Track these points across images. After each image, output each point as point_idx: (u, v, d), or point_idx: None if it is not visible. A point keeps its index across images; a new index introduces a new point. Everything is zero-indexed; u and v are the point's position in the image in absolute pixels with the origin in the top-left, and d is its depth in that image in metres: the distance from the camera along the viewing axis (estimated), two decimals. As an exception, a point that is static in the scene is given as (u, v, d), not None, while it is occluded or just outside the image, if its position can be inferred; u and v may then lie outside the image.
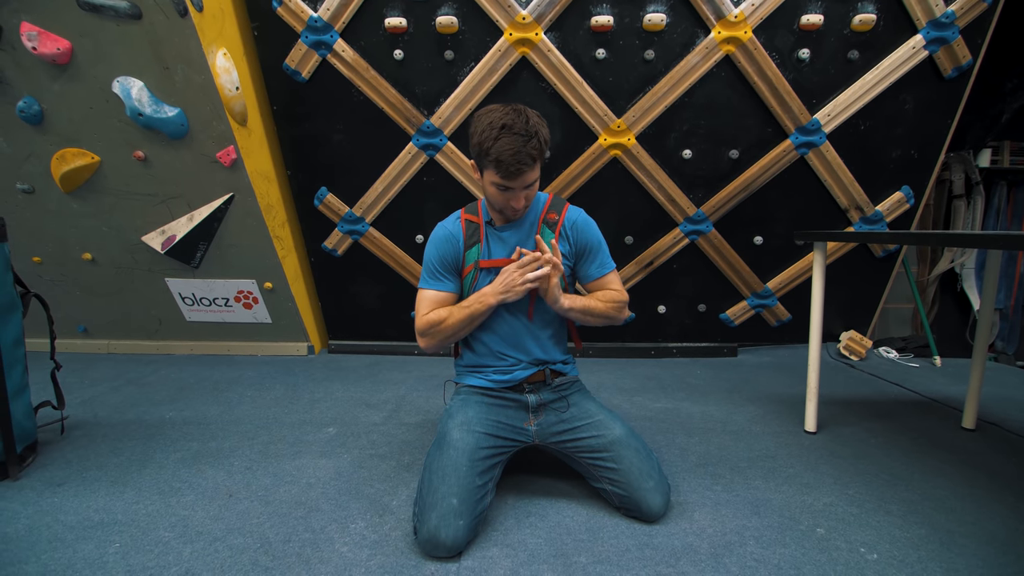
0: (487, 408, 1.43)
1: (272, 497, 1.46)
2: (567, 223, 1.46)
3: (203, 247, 2.54)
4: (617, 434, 1.35)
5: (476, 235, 1.46)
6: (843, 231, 2.48)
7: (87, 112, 2.18)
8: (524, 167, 1.26)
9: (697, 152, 2.43)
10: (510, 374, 1.47)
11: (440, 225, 1.52)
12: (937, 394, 2.24)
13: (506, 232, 1.46)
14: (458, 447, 1.29)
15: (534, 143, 1.25)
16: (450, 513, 1.17)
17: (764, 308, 2.79)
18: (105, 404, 2.16)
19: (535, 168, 1.30)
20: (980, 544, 1.24)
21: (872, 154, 2.41)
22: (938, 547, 1.23)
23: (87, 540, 1.27)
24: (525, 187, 1.31)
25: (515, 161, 1.24)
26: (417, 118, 2.38)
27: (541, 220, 1.45)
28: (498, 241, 1.46)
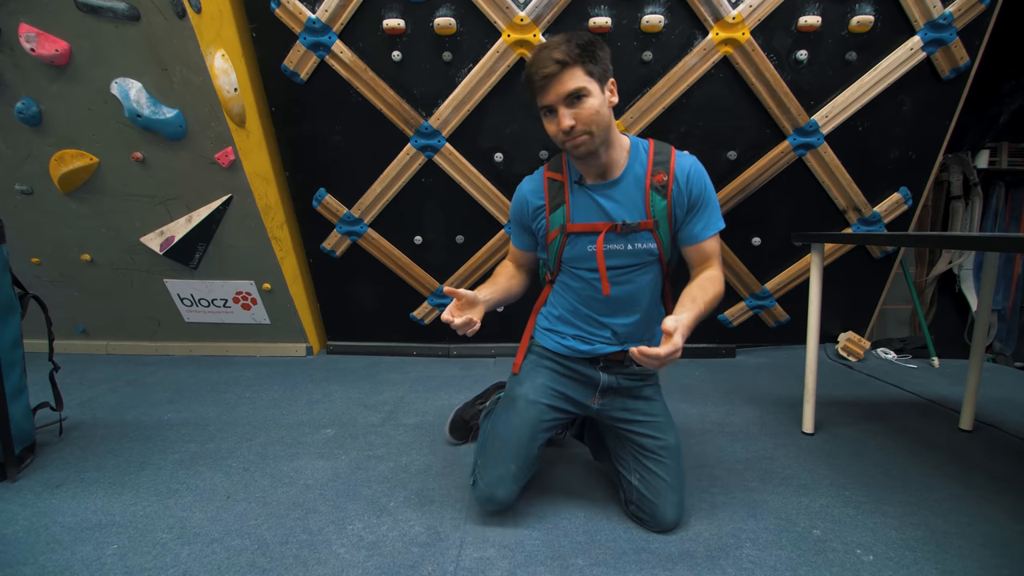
0: (555, 377, 1.35)
1: (270, 498, 1.47)
2: (679, 177, 1.22)
3: (202, 248, 2.54)
4: (672, 443, 1.33)
5: (560, 195, 1.28)
6: (840, 232, 2.48)
7: (85, 113, 2.19)
8: (551, 70, 1.07)
9: (695, 153, 2.36)
10: (592, 345, 1.33)
11: (524, 181, 1.38)
12: (935, 395, 2.24)
13: (603, 192, 1.24)
14: (523, 417, 1.32)
15: (567, 47, 1.07)
16: (508, 476, 1.29)
17: (762, 309, 2.79)
18: (103, 405, 2.16)
19: (571, 72, 1.08)
20: (976, 546, 1.24)
21: (870, 155, 2.41)
22: (934, 549, 1.23)
23: (85, 542, 1.28)
24: (563, 99, 1.10)
25: (541, 67, 1.08)
26: (415, 119, 2.38)
27: (648, 184, 1.22)
28: (591, 203, 1.26)
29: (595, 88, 1.12)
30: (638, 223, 1.24)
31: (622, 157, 1.24)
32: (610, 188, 1.25)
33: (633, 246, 1.27)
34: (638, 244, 1.26)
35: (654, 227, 1.24)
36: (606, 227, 1.25)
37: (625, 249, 1.27)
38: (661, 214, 1.23)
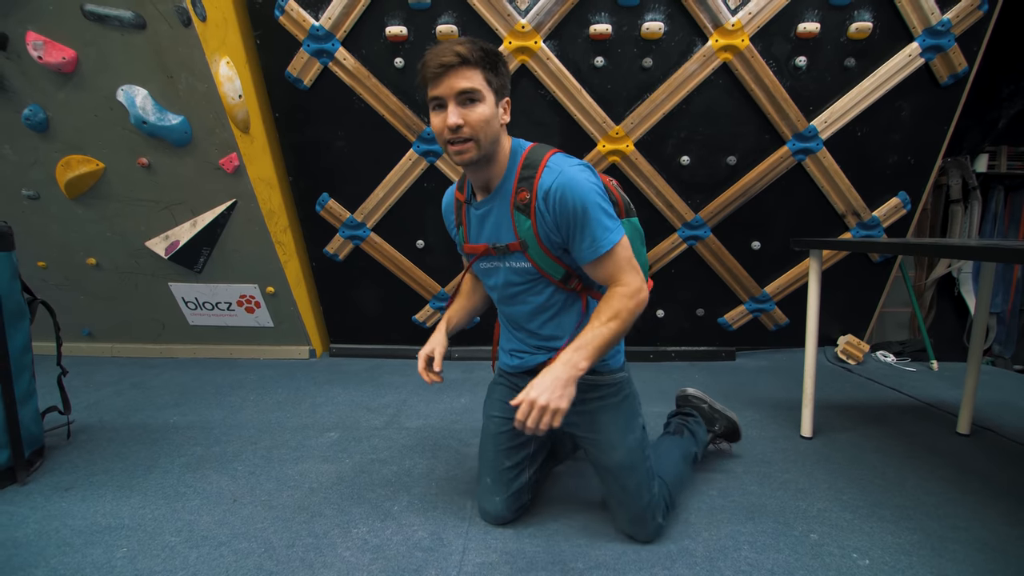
0: (507, 392, 1.35)
1: (275, 502, 1.49)
2: (540, 196, 1.09)
3: (206, 252, 2.57)
4: (618, 461, 1.23)
5: (460, 215, 1.28)
6: (838, 239, 2.50)
7: (92, 120, 2.21)
8: (450, 60, 1.01)
9: (695, 158, 2.45)
10: (521, 359, 1.32)
11: (445, 192, 1.39)
12: (933, 398, 2.26)
13: (482, 210, 1.19)
14: (485, 432, 1.41)
15: (471, 47, 1.03)
16: (486, 490, 1.36)
17: (762, 312, 2.81)
18: (110, 408, 2.19)
19: (470, 71, 1.03)
20: (971, 551, 1.26)
21: (869, 160, 2.43)
22: (929, 553, 1.25)
23: (95, 545, 1.30)
24: (456, 95, 1.03)
25: (440, 56, 1.02)
26: (418, 125, 2.40)
27: (511, 203, 1.13)
28: (476, 220, 1.22)
29: (490, 97, 1.07)
30: (507, 244, 1.17)
31: (502, 171, 1.15)
32: (487, 205, 1.18)
33: (511, 266, 1.21)
34: (514, 264, 1.20)
35: (523, 248, 1.15)
36: (481, 249, 1.21)
37: (507, 267, 1.22)
38: (528, 234, 1.13)
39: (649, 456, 1.27)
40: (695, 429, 1.57)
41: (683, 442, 1.51)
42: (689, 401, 1.70)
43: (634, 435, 1.25)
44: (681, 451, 1.47)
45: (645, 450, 1.26)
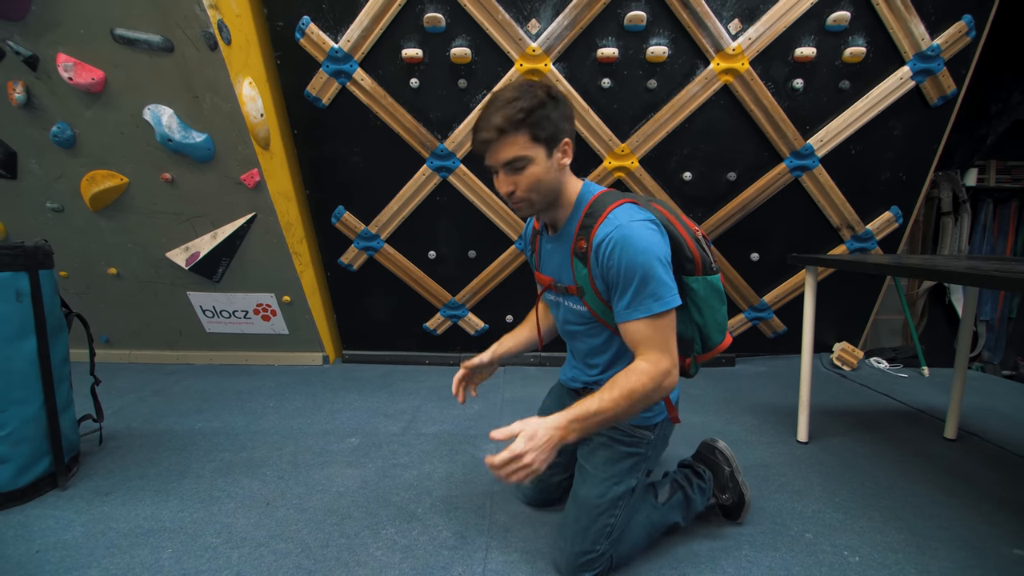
0: (556, 400, 1.48)
1: (306, 505, 1.58)
2: (595, 247, 1.07)
3: (225, 263, 2.66)
4: (583, 494, 1.22)
5: (534, 242, 1.33)
6: (832, 256, 2.60)
7: (118, 137, 2.30)
8: (488, 136, 1.02)
9: (697, 174, 2.56)
10: (568, 374, 1.42)
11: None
12: (923, 404, 2.37)
13: (550, 245, 1.23)
14: None
15: (509, 110, 1.00)
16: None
17: (761, 321, 2.92)
18: (135, 415, 2.27)
19: (512, 139, 1.02)
20: (953, 548, 1.36)
21: (863, 176, 2.54)
22: (915, 551, 1.35)
23: (141, 546, 1.38)
24: (502, 166, 1.06)
25: (480, 130, 1.04)
26: (432, 142, 2.50)
27: (572, 249, 1.14)
28: (546, 254, 1.25)
29: (539, 154, 1.05)
30: (566, 286, 1.20)
31: (567, 213, 1.16)
32: (553, 243, 1.21)
33: (570, 306, 1.23)
34: (573, 305, 1.22)
35: (579, 293, 1.17)
36: (548, 282, 1.25)
37: (566, 306, 1.25)
38: (584, 281, 1.14)
39: (616, 519, 1.19)
40: (693, 497, 1.36)
41: (661, 511, 1.32)
42: (714, 457, 1.46)
43: (616, 488, 1.19)
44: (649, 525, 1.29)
45: (616, 510, 1.19)
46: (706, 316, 1.20)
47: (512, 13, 2.27)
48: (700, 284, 1.14)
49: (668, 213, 1.16)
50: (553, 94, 1.06)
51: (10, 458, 1.54)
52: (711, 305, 1.18)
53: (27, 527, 1.46)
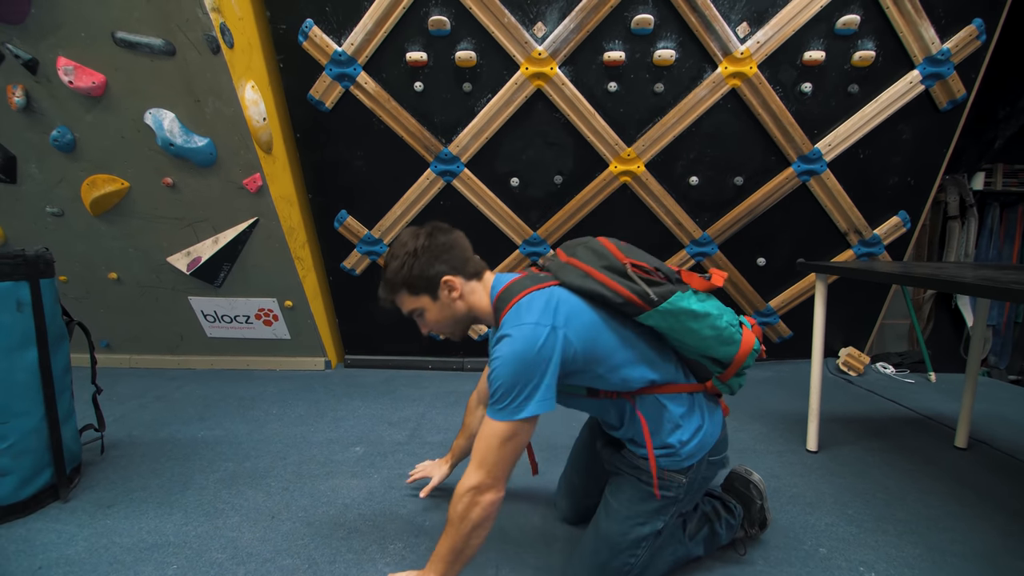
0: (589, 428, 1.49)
1: (312, 518, 1.55)
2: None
3: (227, 268, 2.63)
4: (604, 527, 1.20)
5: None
6: (842, 265, 2.59)
7: (119, 141, 2.27)
8: (383, 301, 1.21)
9: (703, 178, 2.53)
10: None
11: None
12: (931, 411, 2.36)
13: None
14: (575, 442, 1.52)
15: (387, 274, 1.16)
16: (559, 492, 1.54)
17: (767, 326, 2.90)
18: (137, 422, 2.25)
19: (400, 299, 1.17)
20: (967, 562, 1.34)
21: (870, 181, 2.53)
22: (930, 566, 1.33)
23: (145, 562, 1.36)
24: (409, 315, 1.20)
25: (379, 295, 1.22)
26: (435, 146, 2.47)
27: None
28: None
29: (425, 301, 1.15)
30: None
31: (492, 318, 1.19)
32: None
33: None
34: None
35: None
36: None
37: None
38: None
39: (637, 559, 1.16)
40: (720, 532, 1.32)
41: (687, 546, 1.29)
42: (748, 492, 1.38)
43: (641, 529, 1.15)
44: (674, 559, 1.27)
45: (638, 550, 1.15)
46: (688, 340, 1.10)
47: (518, 16, 2.25)
48: (654, 318, 1.08)
49: (585, 265, 1.11)
50: (419, 245, 1.12)
51: (12, 470, 1.51)
52: (686, 328, 1.08)
53: (29, 541, 1.44)
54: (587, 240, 1.19)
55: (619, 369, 1.10)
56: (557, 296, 1.07)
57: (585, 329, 1.06)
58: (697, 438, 1.14)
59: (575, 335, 1.03)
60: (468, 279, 1.17)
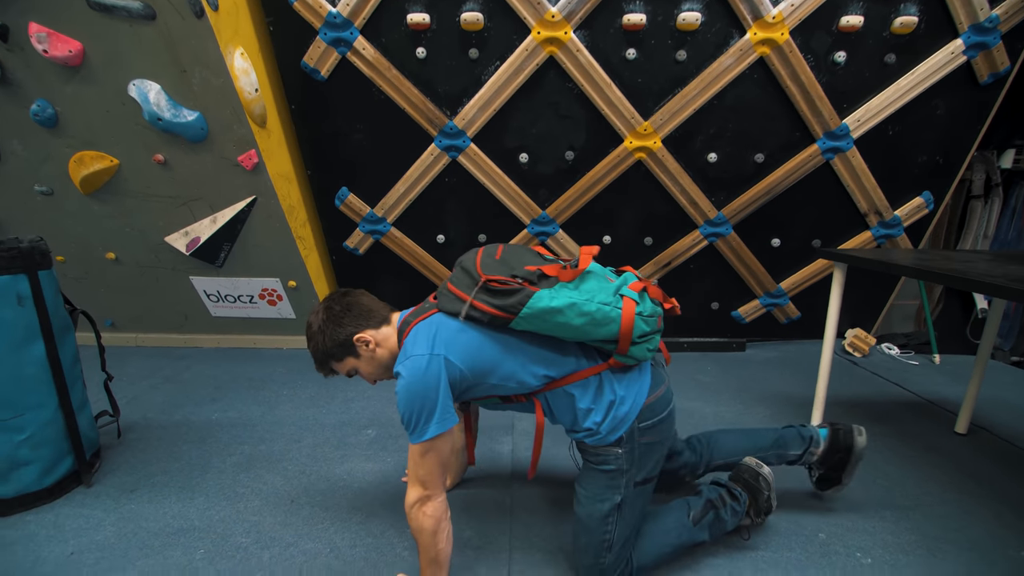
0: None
1: (330, 503, 1.60)
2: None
3: (227, 248, 2.57)
4: (577, 512, 1.27)
5: None
6: (863, 255, 2.52)
7: (103, 115, 2.14)
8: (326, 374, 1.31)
9: (722, 155, 2.42)
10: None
11: None
12: (934, 395, 2.37)
13: None
14: None
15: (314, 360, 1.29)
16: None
17: (775, 307, 2.87)
18: (150, 404, 2.27)
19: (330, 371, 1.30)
20: (962, 551, 1.39)
21: (897, 159, 2.41)
22: (925, 553, 1.38)
23: (173, 547, 1.41)
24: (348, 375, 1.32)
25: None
26: (440, 119, 2.34)
27: None
28: None
29: (353, 362, 1.26)
30: None
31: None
32: None
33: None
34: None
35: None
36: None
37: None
38: None
39: (610, 533, 1.22)
40: (725, 518, 1.36)
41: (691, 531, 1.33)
42: (757, 483, 1.41)
43: (601, 505, 1.22)
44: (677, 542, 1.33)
45: (607, 525, 1.22)
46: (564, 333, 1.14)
47: (530, -26, 2.06)
48: (522, 324, 1.13)
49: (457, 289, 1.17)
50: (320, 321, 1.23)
51: (33, 460, 1.55)
52: (556, 324, 1.12)
53: (59, 527, 1.49)
54: (466, 256, 1.23)
55: (512, 376, 1.18)
56: (437, 324, 1.16)
57: (465, 349, 1.13)
58: (612, 413, 1.18)
59: (457, 357, 1.12)
60: (378, 327, 1.25)
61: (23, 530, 1.47)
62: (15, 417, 1.49)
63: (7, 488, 1.51)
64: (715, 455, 1.51)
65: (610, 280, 1.20)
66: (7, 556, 1.37)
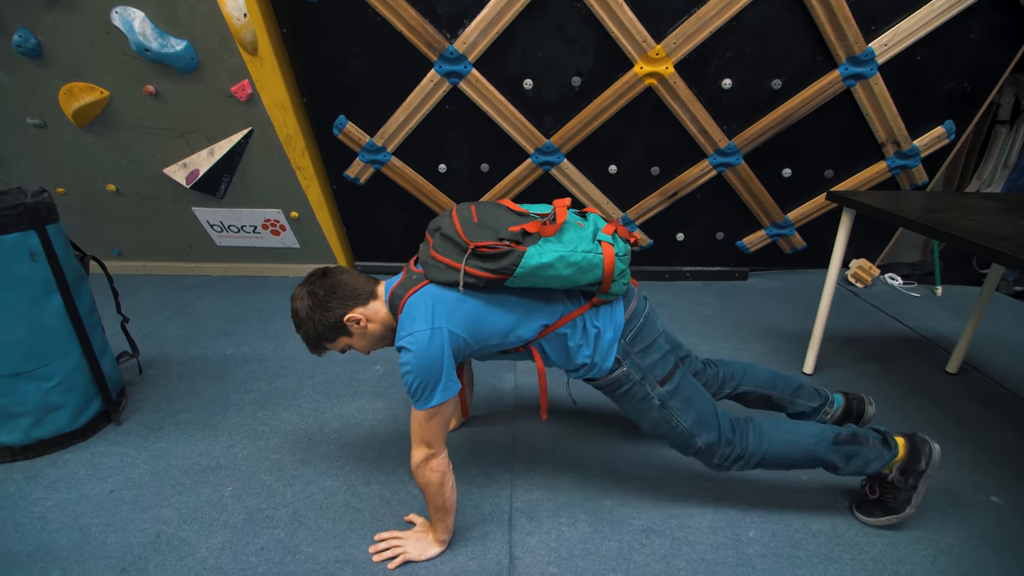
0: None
1: (345, 441, 1.70)
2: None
3: (227, 179, 2.53)
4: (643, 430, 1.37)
5: None
6: (873, 200, 2.43)
7: (88, 45, 2.03)
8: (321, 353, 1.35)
9: (738, 81, 2.28)
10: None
11: None
12: (931, 331, 2.39)
13: None
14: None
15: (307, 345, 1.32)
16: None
17: (781, 237, 2.85)
18: (166, 339, 2.34)
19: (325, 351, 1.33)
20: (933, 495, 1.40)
21: (922, 86, 2.27)
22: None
23: (204, 484, 1.52)
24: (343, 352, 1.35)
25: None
26: (440, 43, 2.20)
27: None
28: None
29: (346, 340, 1.28)
30: None
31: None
32: None
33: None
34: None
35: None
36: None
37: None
38: None
39: (673, 426, 1.29)
40: (870, 457, 1.31)
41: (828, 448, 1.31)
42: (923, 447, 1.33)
43: (649, 416, 1.30)
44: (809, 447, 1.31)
45: (671, 421, 1.29)
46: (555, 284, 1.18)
47: None
48: (516, 283, 1.17)
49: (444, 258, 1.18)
50: (306, 307, 1.23)
51: (64, 404, 1.63)
52: (548, 277, 1.16)
53: (96, 465, 1.60)
54: (441, 220, 1.25)
55: (513, 332, 1.24)
56: (433, 296, 1.18)
57: (465, 317, 1.18)
58: (598, 344, 1.26)
59: (458, 327, 1.17)
60: (366, 303, 1.26)
61: (64, 468, 1.58)
62: (43, 366, 1.56)
63: (44, 430, 1.61)
64: (745, 380, 1.58)
65: (580, 225, 1.23)
66: (54, 493, 1.49)
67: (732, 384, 1.58)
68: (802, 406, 1.58)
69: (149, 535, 1.35)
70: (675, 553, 1.29)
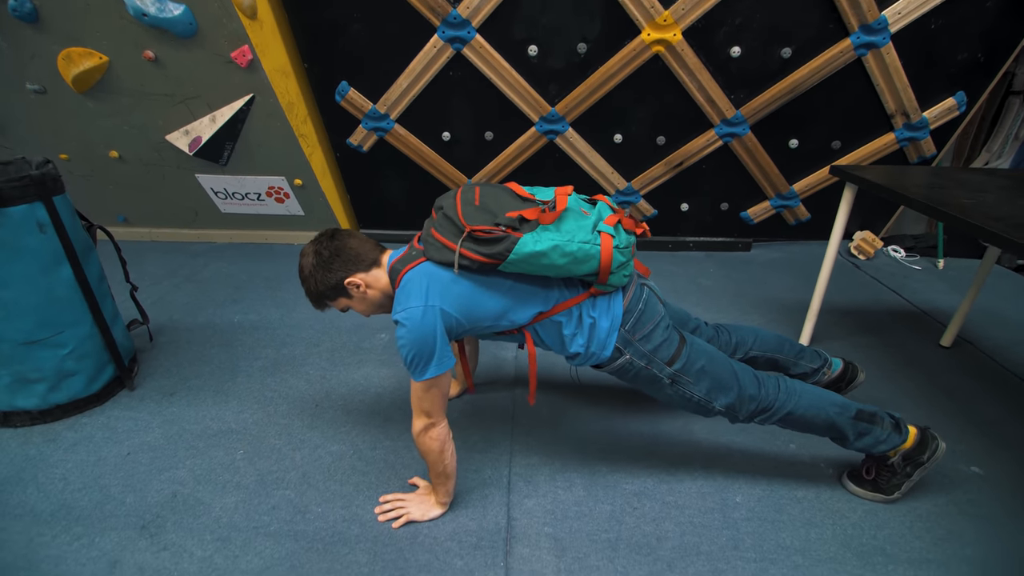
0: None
1: (351, 407, 1.76)
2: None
3: (229, 146, 2.52)
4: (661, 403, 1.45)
5: None
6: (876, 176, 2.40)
7: (84, 9, 1.99)
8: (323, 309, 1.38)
9: (747, 49, 2.23)
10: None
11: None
12: (929, 304, 2.40)
13: None
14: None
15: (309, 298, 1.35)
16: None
17: (786, 208, 2.84)
18: (175, 306, 2.39)
19: (326, 308, 1.37)
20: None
21: (934, 56, 2.21)
22: (883, 467, 1.51)
23: (216, 447, 1.58)
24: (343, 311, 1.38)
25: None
26: (443, 7, 2.14)
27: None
28: None
29: (346, 301, 1.32)
30: None
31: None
32: None
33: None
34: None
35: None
36: None
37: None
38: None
39: (693, 393, 1.31)
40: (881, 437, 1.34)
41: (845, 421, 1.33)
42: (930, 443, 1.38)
43: (662, 392, 1.33)
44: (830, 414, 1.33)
45: (686, 393, 1.31)
46: (549, 272, 1.19)
47: None
48: (510, 268, 1.18)
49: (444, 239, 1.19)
50: (311, 264, 1.26)
51: (78, 371, 1.69)
52: (542, 265, 1.17)
53: (112, 429, 1.67)
54: (446, 199, 1.25)
55: (505, 316, 1.26)
56: (428, 275, 1.20)
57: (458, 298, 1.20)
58: (594, 335, 1.27)
59: (450, 306, 1.19)
60: (368, 270, 1.28)
61: (81, 432, 1.65)
62: (56, 335, 1.61)
63: (60, 395, 1.67)
64: (755, 345, 1.62)
65: (585, 213, 1.22)
66: (73, 456, 1.56)
67: (744, 349, 1.62)
68: (804, 367, 1.63)
69: (166, 495, 1.42)
70: (664, 516, 1.36)
